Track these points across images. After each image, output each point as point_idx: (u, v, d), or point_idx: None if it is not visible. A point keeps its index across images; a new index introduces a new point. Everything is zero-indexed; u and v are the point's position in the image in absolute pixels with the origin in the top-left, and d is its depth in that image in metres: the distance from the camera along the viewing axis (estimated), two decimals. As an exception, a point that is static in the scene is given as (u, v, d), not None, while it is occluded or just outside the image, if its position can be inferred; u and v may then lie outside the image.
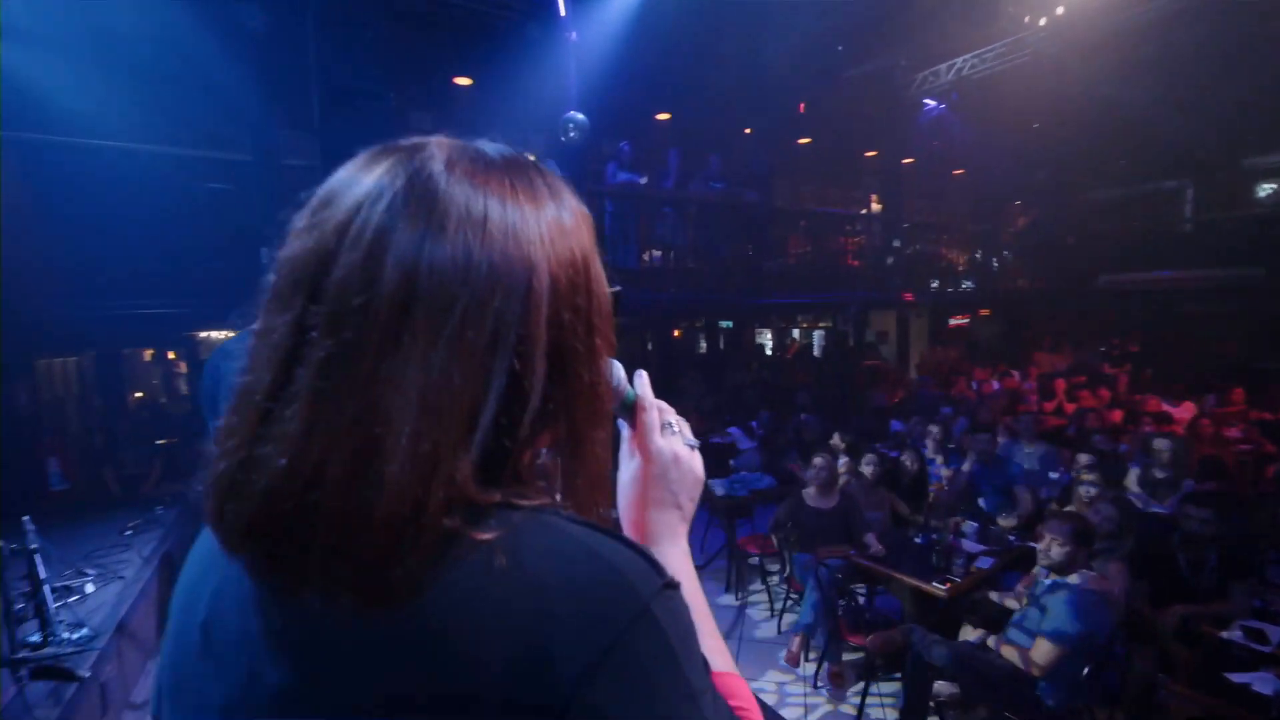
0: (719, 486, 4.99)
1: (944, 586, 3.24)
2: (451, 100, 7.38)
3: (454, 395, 0.37)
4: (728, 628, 3.76)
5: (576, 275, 0.44)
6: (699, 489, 0.62)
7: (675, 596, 0.41)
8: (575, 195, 0.49)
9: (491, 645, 0.36)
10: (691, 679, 0.39)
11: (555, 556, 0.39)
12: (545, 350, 0.41)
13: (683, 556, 0.59)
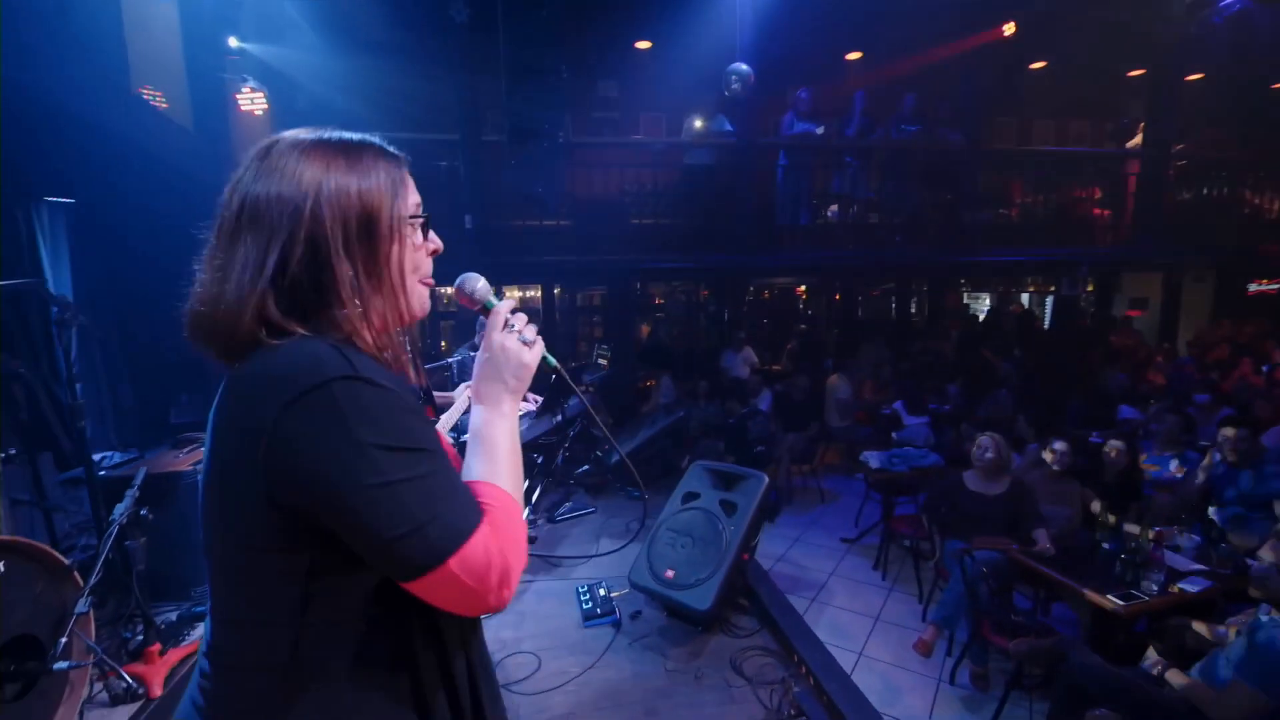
0: (874, 459, 4.69)
1: (1122, 602, 2.71)
2: (634, 65, 7.63)
3: (255, 265, 0.69)
4: (874, 608, 3.58)
5: (348, 211, 0.73)
6: (523, 370, 0.84)
7: (360, 386, 0.65)
8: (392, 167, 0.78)
9: (255, 392, 0.66)
10: (370, 441, 0.63)
11: (298, 352, 0.67)
12: (307, 246, 0.70)
13: (499, 417, 0.82)
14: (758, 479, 3.10)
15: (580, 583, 3.27)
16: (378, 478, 0.63)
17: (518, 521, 0.74)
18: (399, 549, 0.64)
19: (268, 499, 0.65)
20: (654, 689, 2.51)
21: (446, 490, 0.68)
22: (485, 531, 0.68)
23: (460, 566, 0.65)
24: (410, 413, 0.69)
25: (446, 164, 6.12)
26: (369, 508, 0.63)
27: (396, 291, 0.77)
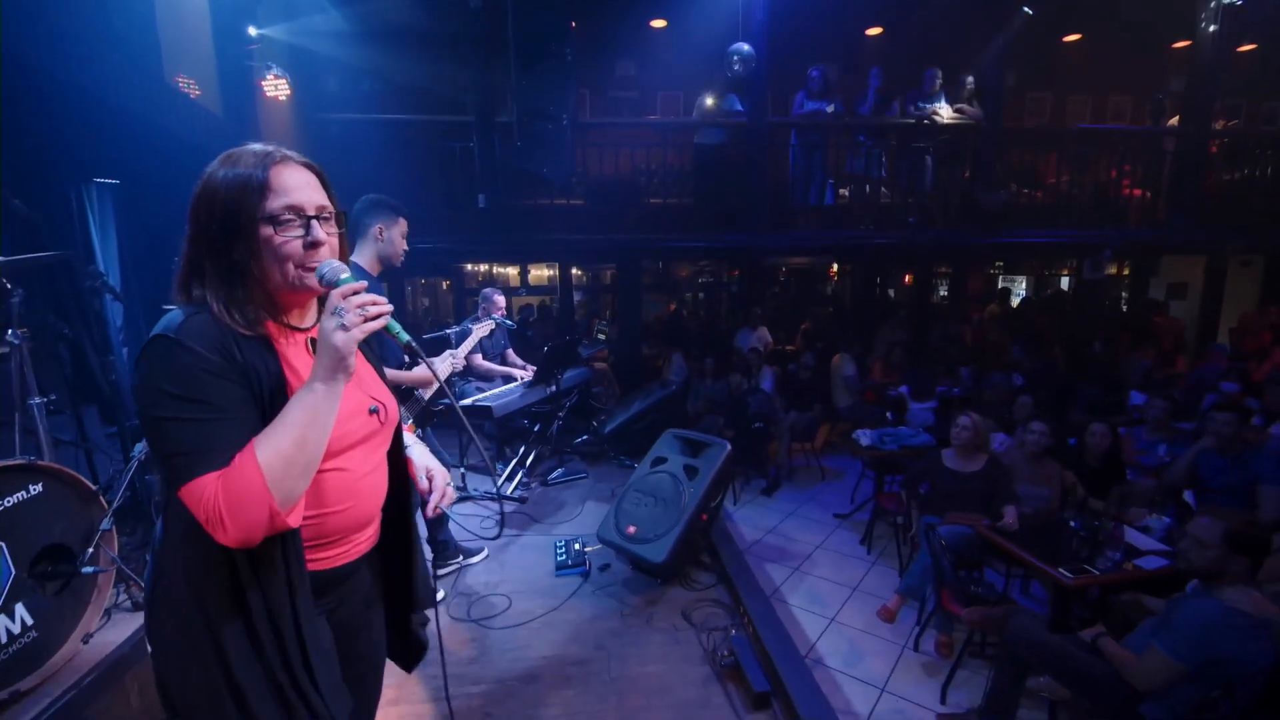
0: (865, 437, 4.77)
1: (1071, 575, 2.79)
2: (651, 44, 7.68)
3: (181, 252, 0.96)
4: (854, 580, 3.70)
5: (214, 211, 0.94)
6: (333, 354, 0.91)
7: (163, 345, 0.88)
8: (257, 167, 0.95)
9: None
10: (163, 386, 0.86)
11: (161, 318, 0.91)
12: (190, 238, 0.95)
13: (305, 390, 0.92)
14: (720, 447, 3.28)
15: (559, 538, 3.54)
16: (160, 409, 0.87)
17: (251, 482, 0.85)
18: (166, 464, 0.88)
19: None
20: (607, 629, 2.76)
21: (201, 438, 0.86)
22: (212, 479, 0.84)
23: (187, 497, 0.85)
24: (208, 373, 0.88)
25: (461, 145, 6.36)
26: (151, 430, 0.88)
27: (255, 284, 0.97)
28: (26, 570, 1.78)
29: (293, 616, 0.95)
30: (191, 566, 0.94)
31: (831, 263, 10.32)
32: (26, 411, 2.05)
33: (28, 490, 1.80)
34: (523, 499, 4.14)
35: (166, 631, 0.97)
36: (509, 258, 9.66)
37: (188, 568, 0.95)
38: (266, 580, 0.94)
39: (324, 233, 0.99)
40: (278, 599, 0.94)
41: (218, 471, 0.86)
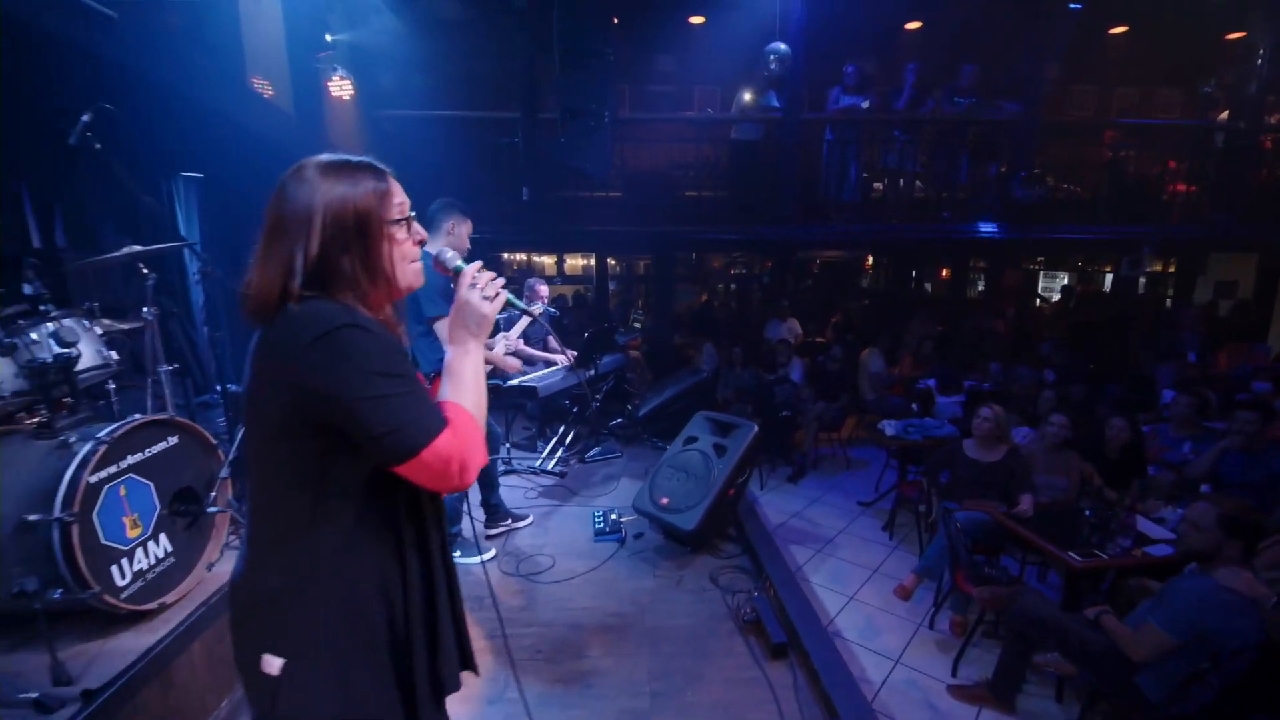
0: (890, 427, 4.92)
1: (1080, 558, 2.95)
2: (689, 40, 7.84)
3: (281, 256, 0.98)
4: (875, 562, 3.87)
5: (344, 218, 1.00)
6: (481, 321, 1.10)
7: (354, 332, 0.93)
8: (375, 182, 1.04)
9: (284, 340, 0.94)
10: (367, 368, 0.92)
11: (312, 311, 0.94)
12: (319, 242, 0.98)
13: (464, 355, 1.10)
14: (747, 428, 3.53)
15: (597, 509, 3.84)
16: (372, 390, 0.92)
17: (475, 430, 1.01)
18: (388, 441, 0.93)
19: (288, 410, 0.94)
20: (641, 588, 3.06)
21: (417, 405, 0.96)
22: (448, 435, 0.96)
23: (431, 456, 0.94)
24: (391, 349, 0.97)
25: (508, 140, 6.66)
26: (366, 413, 0.92)
27: (385, 281, 1.06)
28: (167, 507, 2.15)
29: (444, 563, 1.13)
30: (358, 546, 1.02)
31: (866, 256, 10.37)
32: (156, 377, 2.43)
33: (167, 440, 2.17)
34: (562, 473, 4.46)
35: (333, 618, 1.01)
36: (549, 247, 9.98)
37: (351, 550, 1.01)
38: (422, 536, 1.09)
39: None
40: (431, 554, 1.10)
41: (445, 430, 0.97)
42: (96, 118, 2.21)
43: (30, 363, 1.96)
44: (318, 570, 0.99)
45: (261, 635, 1.01)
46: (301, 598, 0.99)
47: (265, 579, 1.02)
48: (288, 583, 1.00)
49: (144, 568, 2.05)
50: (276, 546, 1.01)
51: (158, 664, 1.93)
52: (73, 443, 1.92)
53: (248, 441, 1.05)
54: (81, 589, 1.83)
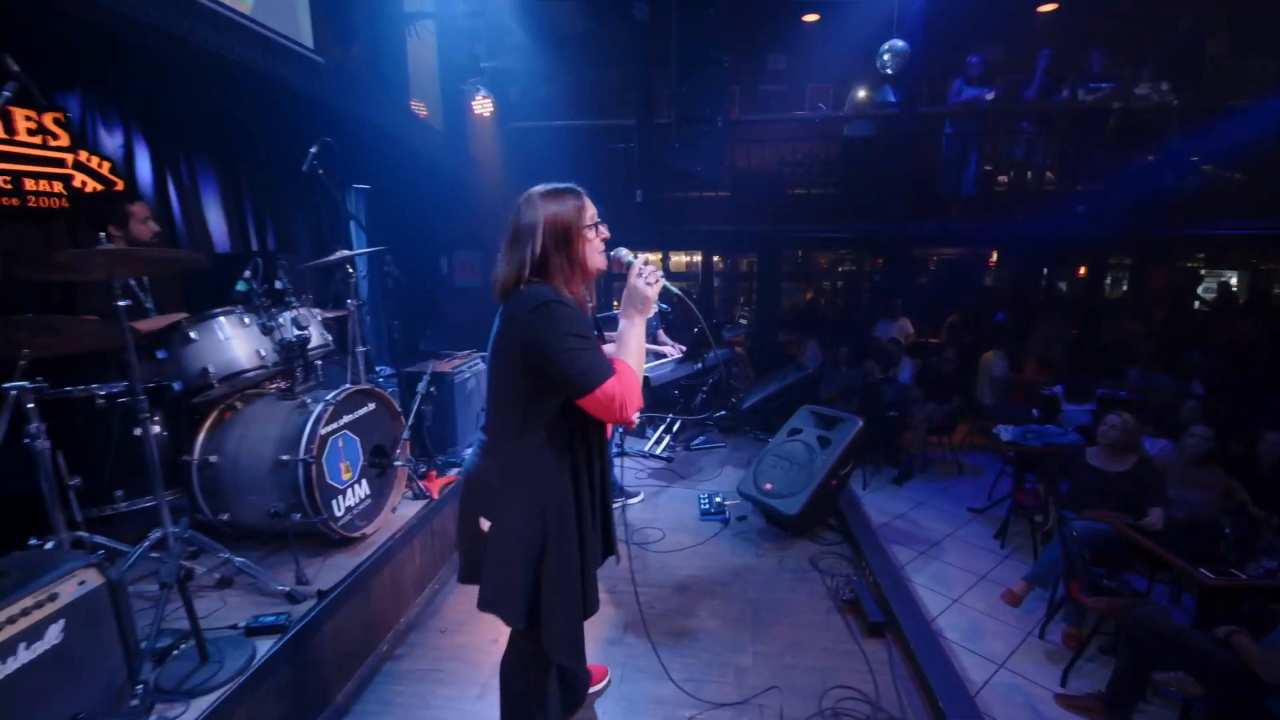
0: (1006, 432, 4.77)
1: (1213, 576, 2.79)
2: (802, 37, 7.86)
3: (518, 255, 1.48)
4: (983, 569, 3.79)
5: (556, 227, 1.48)
6: (645, 301, 1.50)
7: (559, 306, 1.40)
8: (577, 201, 1.51)
9: (517, 309, 1.44)
10: (565, 330, 1.38)
11: (533, 291, 1.43)
12: (541, 245, 1.47)
13: (631, 326, 1.51)
14: (852, 422, 3.65)
15: (702, 492, 4.13)
16: (566, 345, 1.38)
17: (634, 380, 1.45)
18: (575, 381, 1.38)
19: (517, 357, 1.43)
20: (744, 565, 3.31)
21: (596, 356, 1.40)
22: (614, 380, 1.40)
23: (602, 394, 1.38)
24: (581, 319, 1.43)
25: (623, 145, 7.09)
26: (563, 360, 1.38)
27: (583, 268, 1.53)
28: (367, 460, 2.71)
29: (600, 478, 1.62)
30: (547, 452, 1.50)
31: (989, 253, 9.79)
32: (354, 356, 3.03)
33: (368, 406, 2.73)
34: (669, 459, 4.80)
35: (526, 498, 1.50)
36: (658, 247, 10.37)
37: (542, 454, 1.49)
38: (589, 454, 1.57)
39: None
40: (593, 468, 1.58)
41: (613, 377, 1.40)
42: (321, 149, 2.80)
43: (281, 341, 2.57)
44: (521, 468, 1.50)
45: (479, 505, 1.55)
46: (509, 485, 1.50)
47: (486, 469, 1.55)
48: (502, 475, 1.51)
49: (352, 504, 2.62)
50: (495, 449, 1.54)
51: (362, 579, 2.46)
52: (309, 403, 2.50)
53: (489, 379, 1.56)
54: (314, 515, 2.40)
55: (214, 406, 2.55)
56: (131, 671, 1.68)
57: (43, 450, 1.95)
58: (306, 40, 3.71)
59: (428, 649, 2.63)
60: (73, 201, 3.24)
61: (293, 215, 4.76)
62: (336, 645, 2.31)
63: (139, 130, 3.55)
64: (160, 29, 2.70)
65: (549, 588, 1.52)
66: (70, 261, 1.97)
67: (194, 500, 2.47)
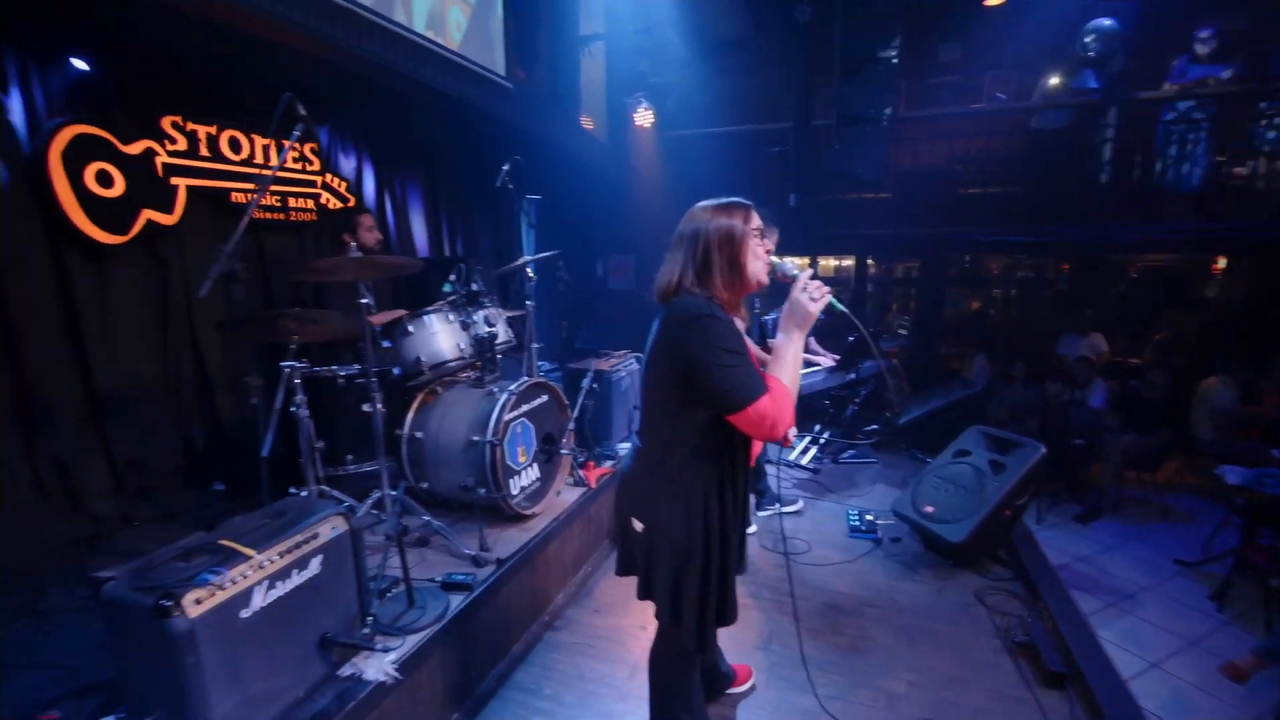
0: (1233, 475, 4.02)
1: None
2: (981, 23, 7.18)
3: (681, 261, 1.53)
4: (1193, 634, 3.27)
5: (721, 236, 1.50)
6: (806, 317, 1.45)
7: (712, 320, 1.39)
8: (744, 213, 1.52)
9: (673, 318, 1.46)
10: (717, 345, 1.37)
11: (690, 302, 1.45)
12: (703, 251, 1.50)
13: (789, 342, 1.46)
14: (1032, 448, 3.29)
15: (851, 508, 3.97)
16: (718, 360, 1.36)
17: (788, 398, 1.40)
18: (725, 397, 1.36)
19: (670, 367, 1.45)
20: (899, 588, 3.13)
21: (748, 373, 1.38)
22: (768, 399, 1.36)
23: (753, 411, 1.35)
24: (734, 334, 1.40)
25: (779, 149, 7.00)
26: (715, 376, 1.36)
27: (743, 276, 1.51)
28: (538, 446, 3.00)
29: (743, 490, 1.64)
30: (695, 462, 1.52)
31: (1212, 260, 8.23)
32: (530, 351, 3.36)
33: (541, 398, 3.03)
34: (816, 470, 4.67)
35: (673, 503, 1.53)
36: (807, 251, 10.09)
37: (690, 464, 1.52)
38: (734, 467, 1.57)
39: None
40: (738, 481, 1.59)
41: (765, 395, 1.37)
42: (512, 167, 3.15)
43: (475, 336, 2.94)
44: (670, 475, 1.54)
45: (633, 507, 1.61)
46: (658, 490, 1.55)
47: (638, 473, 1.61)
48: (652, 479, 1.57)
49: (525, 485, 2.92)
50: (647, 454, 1.59)
51: (531, 553, 2.74)
52: (495, 392, 2.83)
53: (644, 383, 1.59)
54: (496, 491, 2.71)
55: (420, 390, 2.99)
56: (363, 605, 2.04)
57: (304, 418, 2.42)
58: (499, 69, 4.17)
59: (582, 625, 2.85)
60: (320, 216, 3.96)
61: (477, 224, 5.37)
62: (508, 609, 2.59)
63: (367, 154, 4.24)
64: (397, 70, 3.21)
65: (690, 592, 1.56)
66: (328, 267, 2.43)
67: (401, 468, 2.91)
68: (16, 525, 2.73)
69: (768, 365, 1.48)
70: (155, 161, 3.13)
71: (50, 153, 2.74)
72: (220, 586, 1.60)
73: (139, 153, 3.06)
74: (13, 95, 2.71)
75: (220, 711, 1.59)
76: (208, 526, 2.85)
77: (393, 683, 1.92)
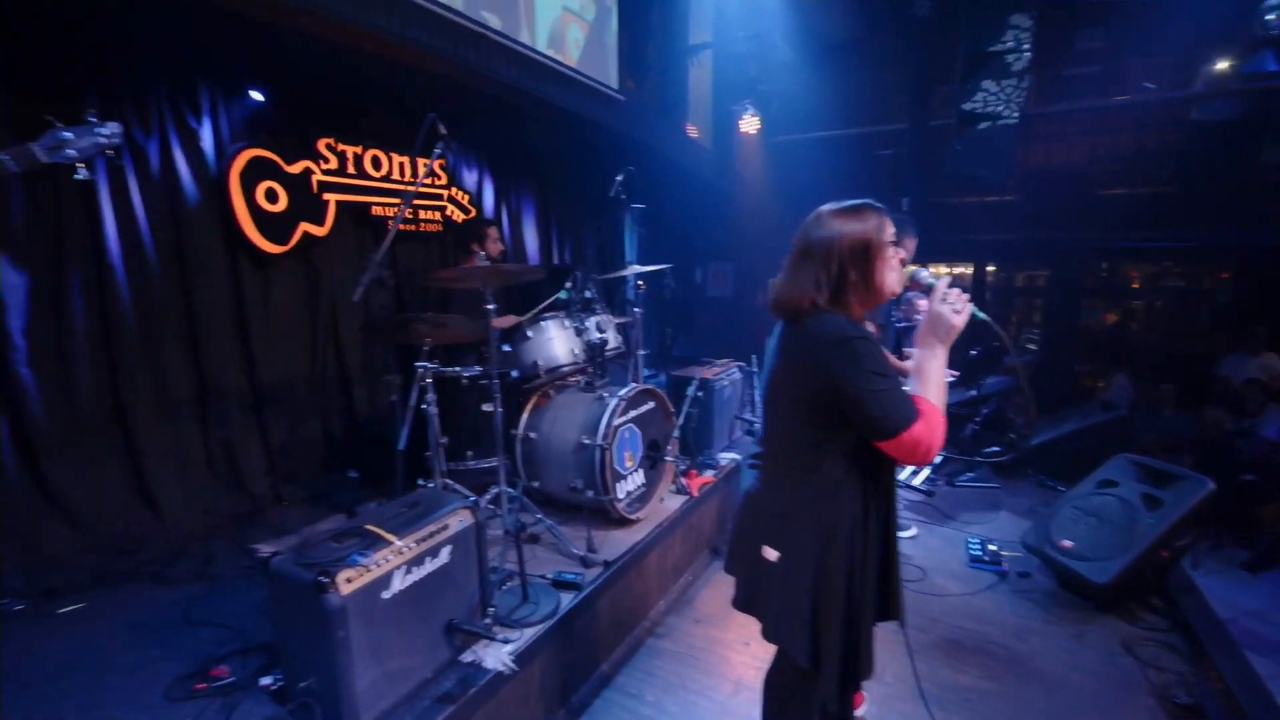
0: None
1: None
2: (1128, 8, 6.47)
3: (809, 274, 1.40)
4: None
5: (856, 245, 1.38)
6: (949, 329, 1.37)
7: (861, 342, 1.30)
8: (878, 219, 1.39)
9: (812, 339, 1.37)
10: (868, 369, 1.29)
11: (833, 321, 1.35)
12: (837, 265, 1.38)
13: (932, 357, 1.38)
14: (1198, 483, 2.89)
15: (971, 536, 3.68)
16: (870, 385, 1.28)
17: (940, 420, 1.32)
18: (877, 424, 1.28)
19: (815, 389, 1.35)
20: (1029, 628, 2.85)
21: (900, 397, 1.30)
22: (921, 424, 1.28)
23: (907, 438, 1.27)
24: (880, 355, 1.32)
25: (890, 152, 6.68)
26: (867, 402, 1.28)
27: (878, 290, 1.41)
28: (644, 451, 3.04)
29: (888, 518, 1.51)
30: (837, 489, 1.42)
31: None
32: (636, 358, 3.40)
33: (649, 404, 3.06)
34: (929, 493, 4.37)
35: (814, 533, 1.43)
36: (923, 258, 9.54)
37: (832, 491, 1.42)
38: (879, 493, 1.46)
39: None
40: (883, 508, 1.48)
41: (919, 420, 1.29)
42: (626, 178, 3.22)
43: (588, 342, 3.03)
44: (812, 501, 1.43)
45: (766, 533, 1.50)
46: (798, 517, 1.45)
47: (775, 498, 1.51)
48: (791, 505, 1.46)
49: (631, 490, 2.96)
50: (780, 477, 1.50)
51: (636, 557, 2.76)
52: (605, 397, 2.89)
53: (772, 402, 1.51)
54: (604, 494, 2.77)
55: (535, 392, 3.12)
56: (484, 596, 2.14)
57: (433, 415, 2.60)
58: (613, 81, 4.29)
59: (684, 634, 2.83)
60: (445, 227, 4.25)
61: (584, 232, 5.54)
62: (613, 612, 2.63)
63: (488, 168, 4.50)
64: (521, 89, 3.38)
65: (830, 636, 1.44)
66: (461, 274, 2.59)
67: (514, 466, 3.04)
68: (193, 499, 3.14)
69: (911, 384, 1.39)
70: (312, 179, 3.50)
71: (231, 173, 3.14)
72: (367, 568, 1.74)
73: (299, 172, 3.44)
74: (204, 124, 3.13)
75: (363, 684, 1.73)
76: (349, 510, 3.14)
77: (510, 673, 2.01)
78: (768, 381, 1.52)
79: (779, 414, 1.50)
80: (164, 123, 3.01)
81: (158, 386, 3.03)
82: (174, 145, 3.04)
